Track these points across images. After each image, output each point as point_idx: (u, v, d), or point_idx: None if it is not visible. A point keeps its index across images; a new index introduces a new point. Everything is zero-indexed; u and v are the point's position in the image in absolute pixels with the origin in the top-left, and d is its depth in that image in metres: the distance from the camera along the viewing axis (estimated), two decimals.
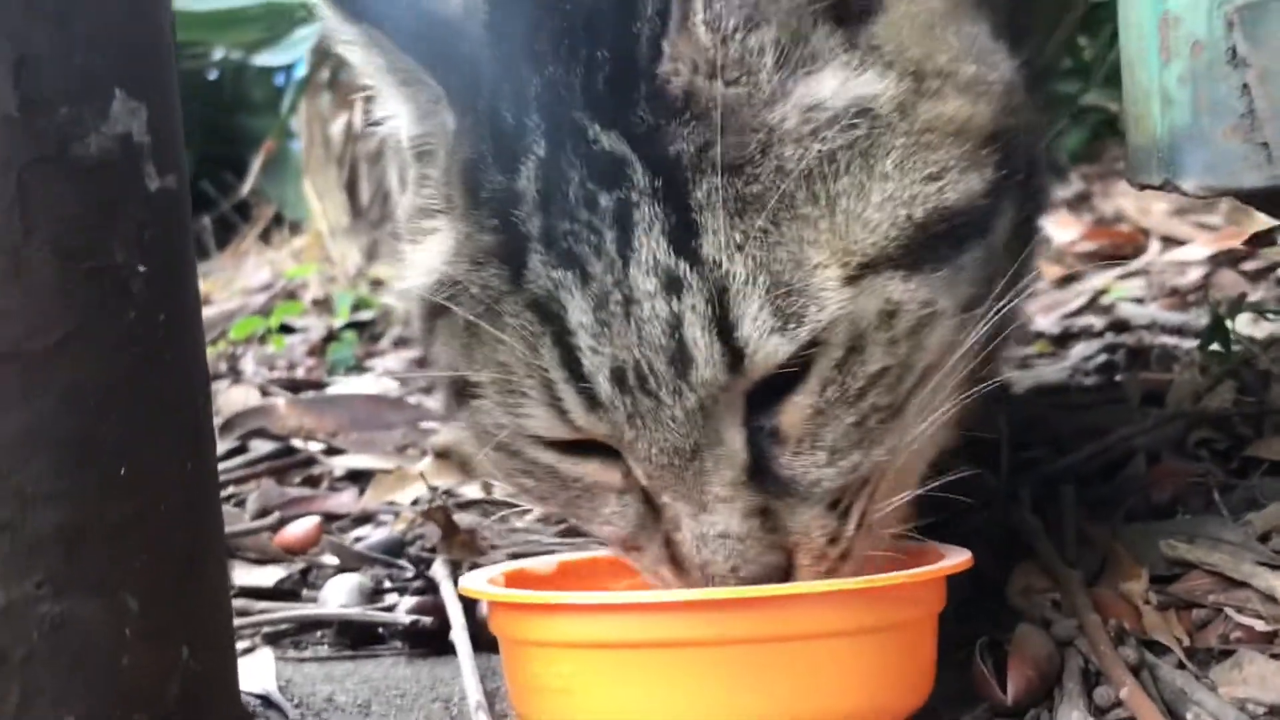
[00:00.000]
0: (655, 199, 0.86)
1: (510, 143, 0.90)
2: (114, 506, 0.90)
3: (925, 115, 0.91)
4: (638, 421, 0.88)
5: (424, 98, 0.95)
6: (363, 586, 1.35)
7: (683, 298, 0.85)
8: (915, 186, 0.89)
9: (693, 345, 0.86)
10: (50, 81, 0.88)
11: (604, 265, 0.87)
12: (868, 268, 0.88)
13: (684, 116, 0.87)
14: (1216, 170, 0.96)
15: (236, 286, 3.30)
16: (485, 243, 0.91)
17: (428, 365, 1.03)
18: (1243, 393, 1.43)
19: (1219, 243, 2.53)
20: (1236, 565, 1.08)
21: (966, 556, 0.97)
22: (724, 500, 0.89)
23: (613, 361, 0.87)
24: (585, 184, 0.88)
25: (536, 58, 0.91)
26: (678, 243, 0.86)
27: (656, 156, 0.87)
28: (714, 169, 0.86)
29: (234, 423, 1.95)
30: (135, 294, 0.91)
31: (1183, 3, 0.95)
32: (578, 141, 0.88)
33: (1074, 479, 1.31)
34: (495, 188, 0.90)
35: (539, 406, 0.90)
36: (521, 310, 0.89)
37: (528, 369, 0.89)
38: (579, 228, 0.88)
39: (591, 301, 0.87)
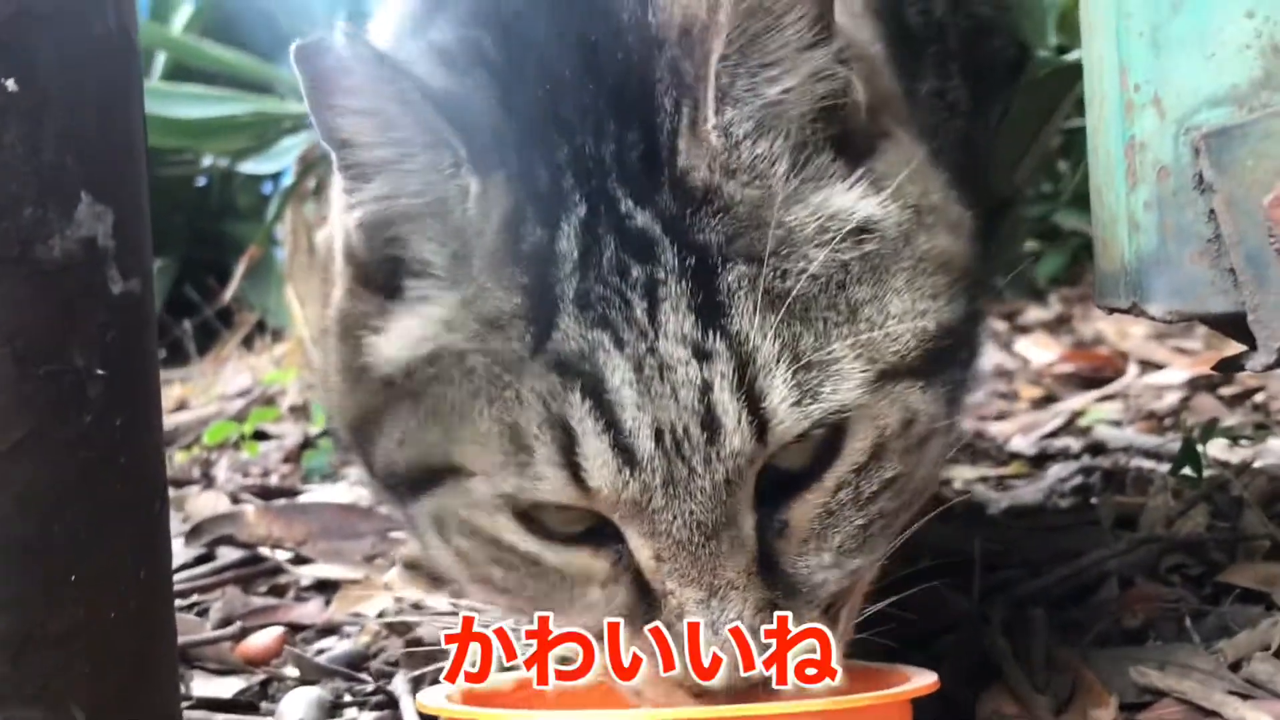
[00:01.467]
0: (684, 278, 0.90)
1: (549, 202, 0.93)
2: (62, 613, 0.88)
3: (923, 245, 0.97)
4: (669, 489, 0.89)
5: (440, 163, 0.94)
6: (322, 700, 1.32)
7: (712, 364, 0.89)
8: (923, 303, 0.95)
9: (722, 411, 0.89)
10: (16, 182, 0.88)
11: (635, 333, 0.90)
12: (890, 375, 0.93)
13: (708, 209, 0.92)
14: (1183, 295, 0.96)
15: (215, 392, 3.28)
16: (508, 304, 0.92)
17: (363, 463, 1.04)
18: (1216, 518, 1.42)
19: (1197, 367, 2.54)
20: (1207, 694, 1.07)
21: (933, 679, 0.95)
22: (737, 589, 0.90)
23: (653, 422, 0.89)
24: (619, 253, 0.91)
25: (562, 127, 0.94)
26: (706, 318, 0.90)
27: (685, 241, 0.91)
28: (742, 259, 0.91)
29: (202, 529, 1.92)
30: (92, 398, 0.90)
31: (1149, 128, 0.96)
32: (612, 211, 0.92)
33: (1046, 602, 1.30)
34: (536, 243, 0.92)
35: (552, 469, 0.90)
36: (545, 372, 0.90)
37: (546, 429, 0.89)
38: (611, 294, 0.90)
39: (629, 362, 0.89)
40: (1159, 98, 0.96)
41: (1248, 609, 1.21)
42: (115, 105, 0.95)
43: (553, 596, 0.95)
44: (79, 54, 0.91)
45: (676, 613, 0.90)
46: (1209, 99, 0.94)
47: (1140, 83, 0.96)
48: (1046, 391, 2.73)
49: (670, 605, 0.91)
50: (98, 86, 0.93)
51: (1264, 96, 0.93)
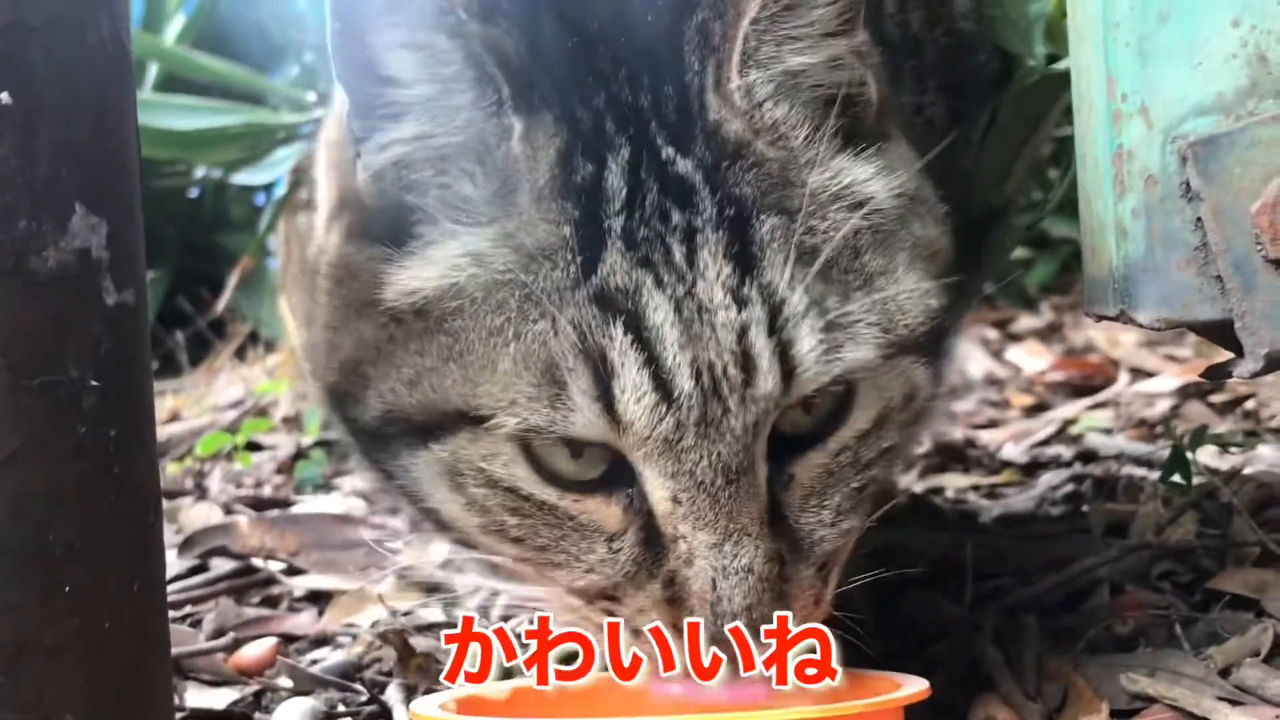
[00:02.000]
0: (720, 227, 0.94)
1: (595, 141, 0.96)
2: (56, 623, 0.88)
3: (918, 232, 1.01)
4: (701, 427, 0.91)
5: (483, 100, 0.96)
6: (315, 711, 1.32)
7: (748, 309, 0.92)
8: (925, 283, 0.99)
9: (757, 353, 0.92)
10: (10, 194, 0.88)
11: (674, 275, 0.93)
12: (898, 347, 0.97)
13: (742, 163, 0.96)
14: (1171, 303, 0.97)
15: (208, 403, 3.28)
16: (556, 236, 0.94)
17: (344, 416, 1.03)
18: (1205, 525, 1.43)
19: (1187, 374, 2.55)
20: (1197, 700, 1.07)
21: (924, 686, 0.96)
22: (750, 535, 0.92)
23: (693, 360, 0.91)
24: (661, 196, 0.95)
25: (597, 75, 0.98)
26: (741, 266, 0.93)
27: (722, 191, 0.95)
28: (774, 211, 0.95)
29: (195, 540, 1.92)
30: (86, 409, 0.90)
31: (1136, 137, 0.97)
32: (653, 156, 0.96)
33: (1037, 609, 1.31)
34: (586, 178, 0.95)
35: (586, 400, 0.92)
36: (587, 303, 0.92)
37: (582, 360, 0.91)
38: (653, 236, 0.94)
39: (670, 301, 0.92)
40: (1146, 107, 0.97)
41: (1237, 615, 1.22)
42: (109, 116, 0.95)
43: (562, 547, 0.97)
44: (73, 65, 0.91)
45: (685, 558, 0.93)
46: (1196, 108, 0.95)
47: (1128, 92, 0.97)
48: (1038, 399, 2.73)
49: (679, 550, 0.93)
50: (92, 97, 0.93)
51: (1250, 105, 0.94)
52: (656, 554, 0.94)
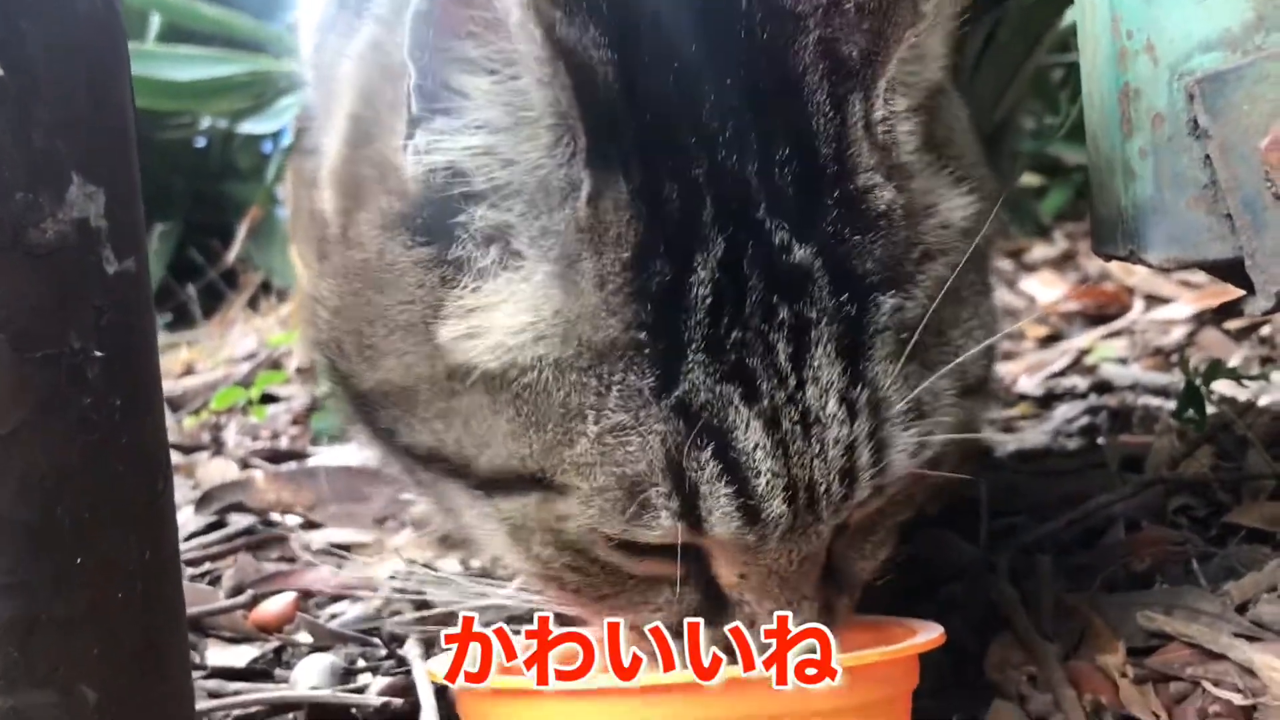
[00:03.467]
0: (836, 318, 0.83)
1: (682, 233, 0.83)
2: (69, 597, 0.88)
3: (980, 235, 0.91)
4: (788, 537, 0.87)
5: (556, 148, 0.83)
6: (335, 666, 1.33)
7: (857, 423, 0.84)
8: (985, 310, 0.92)
9: (861, 468, 0.85)
10: (6, 168, 0.87)
11: (774, 381, 0.83)
12: (965, 393, 0.90)
13: (876, 233, 0.84)
14: (1181, 242, 0.96)
15: (222, 355, 3.29)
16: (625, 339, 0.83)
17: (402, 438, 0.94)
18: (1221, 458, 1.42)
19: (1203, 301, 2.53)
20: (1215, 637, 1.07)
21: (939, 633, 0.96)
22: (808, 599, 0.90)
23: (789, 483, 0.84)
24: (765, 294, 0.83)
25: (702, 137, 0.84)
26: (851, 364, 0.84)
27: (842, 272, 0.84)
28: (891, 288, 0.84)
29: (212, 496, 1.93)
30: (91, 380, 0.90)
31: (1143, 75, 0.95)
32: (761, 247, 0.83)
33: (1052, 547, 1.31)
34: (661, 282, 0.83)
35: (670, 518, 0.85)
36: (669, 417, 0.83)
37: (666, 480, 0.84)
38: (752, 338, 0.83)
39: (762, 420, 0.83)
40: (1152, 44, 0.95)
41: (1254, 550, 1.21)
42: (103, 84, 0.94)
43: (625, 597, 0.93)
44: (65, 35, 0.91)
45: (749, 619, 0.90)
46: (1202, 44, 0.94)
47: (1133, 29, 0.96)
48: (1053, 330, 2.72)
49: (744, 612, 0.90)
50: (85, 66, 0.92)
51: (1257, 39, 0.93)
52: (719, 606, 0.91)
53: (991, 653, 1.14)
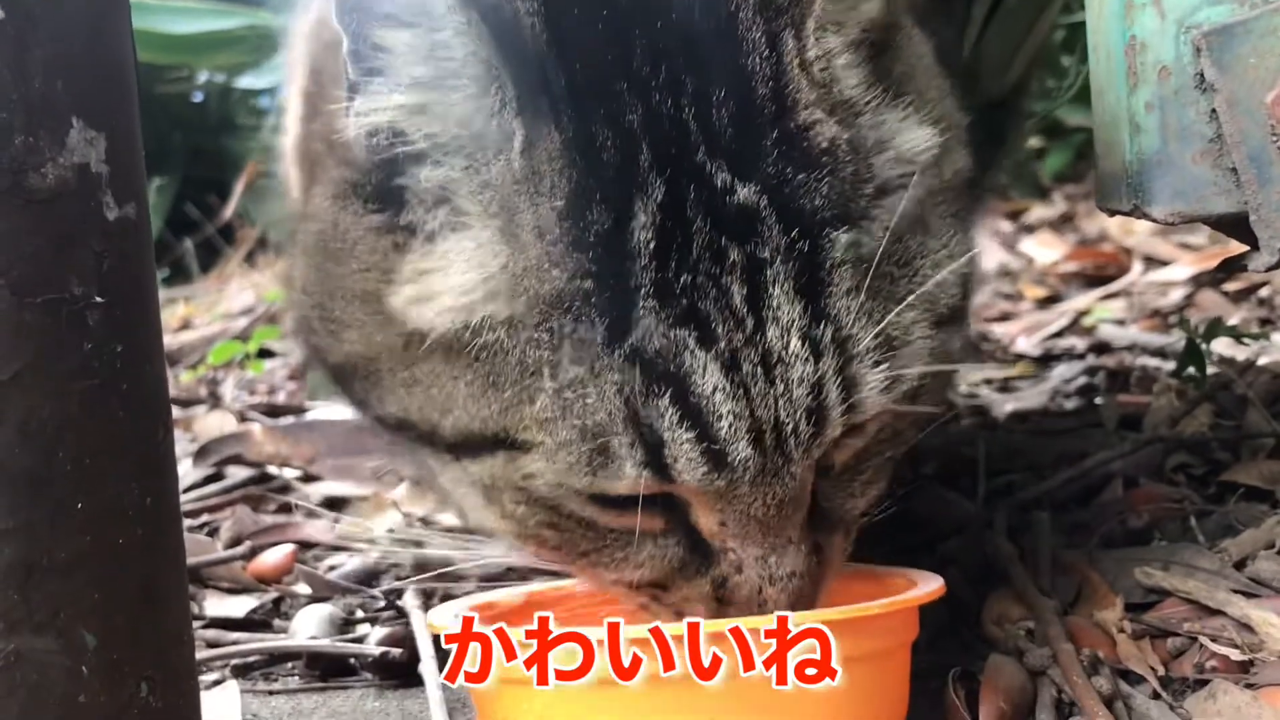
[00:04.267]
0: (789, 257, 0.82)
1: (620, 179, 0.82)
2: (69, 541, 0.88)
3: (948, 173, 0.92)
4: (759, 479, 0.85)
5: (485, 98, 0.83)
6: (334, 617, 1.33)
7: (822, 361, 0.83)
8: (956, 240, 0.90)
9: (830, 406, 0.84)
10: (5, 110, 0.86)
11: (731, 323, 0.82)
12: (939, 324, 0.89)
13: (821, 170, 0.83)
14: (1185, 196, 0.95)
15: (219, 310, 3.28)
16: (573, 288, 0.83)
17: (355, 400, 0.96)
18: (1220, 417, 1.42)
19: (1201, 263, 2.53)
20: (1212, 593, 1.07)
21: (939, 584, 0.96)
22: (794, 542, 0.89)
23: (752, 425, 0.83)
24: (711, 236, 0.82)
25: (635, 82, 0.83)
26: (811, 302, 0.83)
27: (790, 210, 0.83)
28: (844, 224, 0.84)
29: (210, 449, 1.93)
30: (92, 326, 0.89)
31: (1149, 28, 0.94)
32: (703, 189, 0.83)
33: (1050, 504, 1.31)
34: (601, 229, 0.82)
35: (635, 468, 0.84)
36: (624, 366, 0.82)
37: (629, 430, 0.83)
38: (703, 282, 0.82)
39: (719, 362, 0.82)
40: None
41: (1252, 507, 1.21)
42: (103, 27, 0.93)
43: (605, 552, 0.93)
44: None
45: (735, 566, 0.89)
46: None
47: None
48: (1051, 291, 2.73)
49: (729, 559, 0.90)
50: (84, 8, 0.91)
51: None
52: (704, 555, 0.90)
53: (988, 607, 1.14)
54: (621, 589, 0.95)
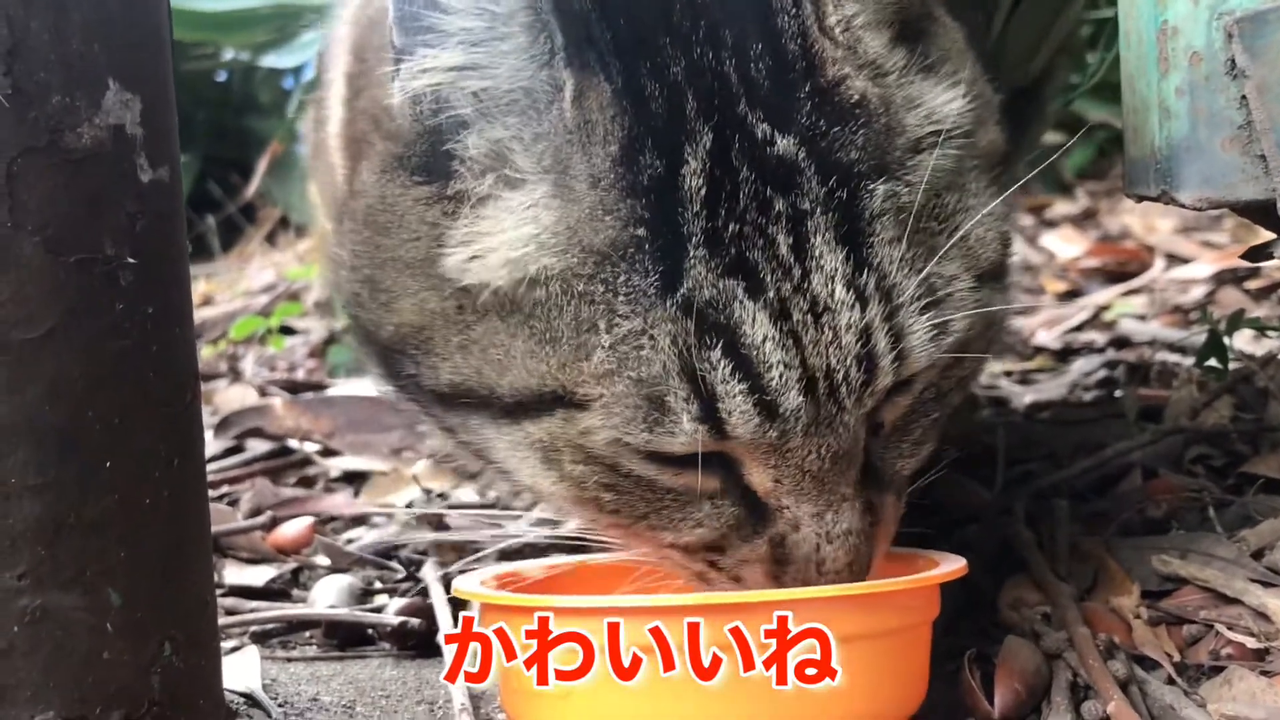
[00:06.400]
0: (830, 208, 0.84)
1: (669, 127, 0.84)
2: (96, 500, 0.89)
3: (983, 142, 0.94)
4: (813, 429, 0.87)
5: (535, 48, 0.85)
6: (353, 588, 1.34)
7: (870, 308, 0.85)
8: (991, 200, 0.92)
9: (880, 353, 0.86)
10: (44, 70, 0.87)
11: (779, 273, 0.84)
12: (982, 280, 0.91)
13: (854, 123, 0.86)
14: (1214, 182, 0.95)
15: (240, 288, 3.30)
16: (626, 237, 0.84)
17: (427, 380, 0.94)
18: (1240, 410, 1.42)
19: (1223, 261, 2.53)
20: (1229, 582, 1.07)
21: (961, 564, 0.96)
22: (848, 499, 0.90)
23: (804, 372, 0.85)
24: (757, 186, 0.84)
25: (676, 36, 0.86)
26: (855, 251, 0.85)
27: (829, 162, 0.85)
28: (881, 175, 0.86)
29: (231, 422, 1.94)
30: (124, 286, 0.90)
31: (1181, 14, 0.94)
32: (746, 140, 0.85)
33: (1069, 493, 1.31)
34: (655, 175, 0.84)
35: (691, 423, 0.85)
36: (678, 317, 0.84)
37: (682, 383, 0.84)
38: (751, 232, 0.84)
39: (768, 312, 0.84)
40: None
41: (1270, 499, 1.21)
42: None
43: (663, 514, 0.93)
44: None
45: (792, 524, 0.90)
46: None
47: None
48: (1072, 286, 2.72)
49: (785, 517, 0.90)
50: None
51: None
52: (761, 515, 0.91)
53: (1005, 591, 1.14)
54: (679, 554, 0.95)
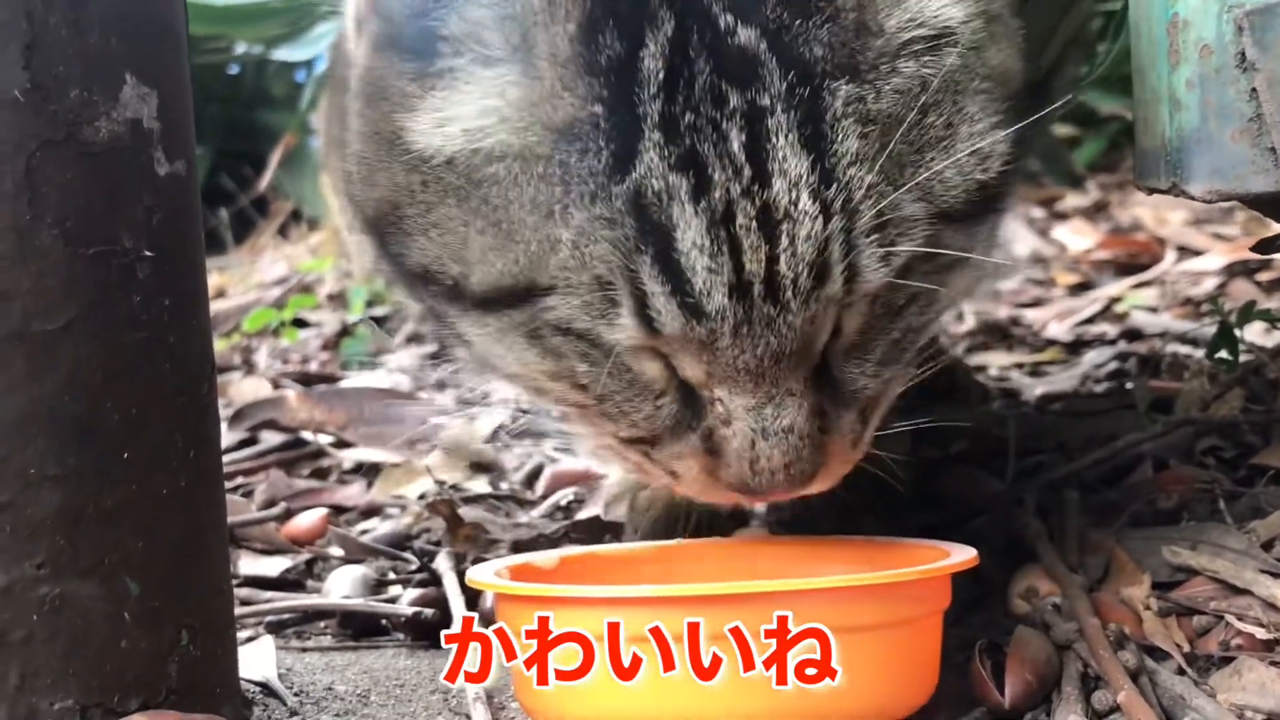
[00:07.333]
0: (790, 106, 0.82)
1: (633, 11, 0.83)
2: (114, 489, 0.90)
3: (992, 59, 0.91)
4: (745, 329, 0.85)
5: None
6: (367, 578, 1.35)
7: (830, 218, 0.83)
8: (989, 135, 0.89)
9: (834, 264, 0.84)
10: (62, 64, 0.88)
11: (729, 171, 0.82)
12: (938, 218, 0.88)
13: (818, 17, 0.84)
14: (1224, 174, 0.95)
15: (253, 281, 3.31)
16: (584, 113, 0.83)
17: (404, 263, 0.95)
18: (1251, 401, 1.42)
19: (1234, 253, 2.53)
20: (1239, 572, 1.08)
21: (972, 554, 0.97)
22: (794, 395, 0.88)
23: (734, 276, 0.83)
24: (713, 77, 0.82)
25: None
26: (815, 156, 0.83)
27: (791, 58, 0.83)
28: (846, 76, 0.83)
29: (244, 414, 1.95)
30: (141, 278, 0.91)
31: (1192, 6, 0.95)
32: (707, 29, 0.83)
33: (1079, 484, 1.31)
34: (614, 55, 0.83)
35: (630, 317, 0.85)
36: (624, 211, 0.83)
37: (623, 279, 0.84)
38: (703, 124, 0.82)
39: (709, 215, 0.82)
40: None
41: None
42: None
43: (616, 400, 0.92)
44: None
45: (723, 418, 0.89)
46: None
47: None
48: (1083, 278, 2.72)
49: (716, 411, 0.89)
50: None
51: None
52: (696, 409, 0.90)
53: (1016, 583, 1.15)
54: (618, 444, 0.95)
